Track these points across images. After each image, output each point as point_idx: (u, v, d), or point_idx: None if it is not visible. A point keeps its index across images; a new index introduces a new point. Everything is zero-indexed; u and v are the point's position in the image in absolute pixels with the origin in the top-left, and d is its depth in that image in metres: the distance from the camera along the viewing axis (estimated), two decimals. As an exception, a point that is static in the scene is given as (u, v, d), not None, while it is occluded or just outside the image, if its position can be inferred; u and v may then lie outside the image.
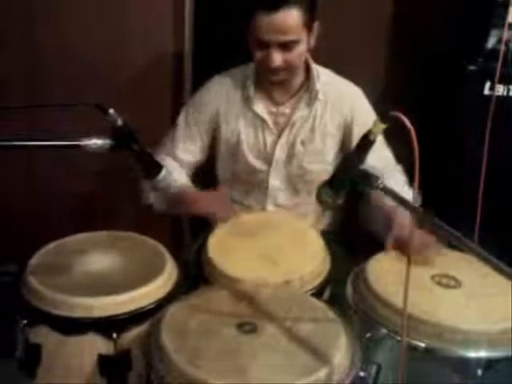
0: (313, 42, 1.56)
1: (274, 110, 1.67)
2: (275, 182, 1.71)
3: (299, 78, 1.65)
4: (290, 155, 1.68)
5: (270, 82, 1.62)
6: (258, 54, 1.52)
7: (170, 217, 1.63)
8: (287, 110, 1.66)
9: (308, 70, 1.66)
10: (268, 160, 1.69)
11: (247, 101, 1.66)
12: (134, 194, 2.11)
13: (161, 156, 1.68)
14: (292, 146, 1.67)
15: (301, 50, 1.52)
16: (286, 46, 1.48)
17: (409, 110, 1.05)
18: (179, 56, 2.22)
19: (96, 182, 2.32)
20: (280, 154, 1.68)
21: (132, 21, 2.15)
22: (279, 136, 1.67)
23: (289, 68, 1.54)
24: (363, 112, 1.66)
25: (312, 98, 1.64)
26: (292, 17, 1.44)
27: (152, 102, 2.23)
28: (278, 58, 1.49)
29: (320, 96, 1.63)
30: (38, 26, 2.13)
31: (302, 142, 1.66)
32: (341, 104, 1.65)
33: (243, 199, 1.76)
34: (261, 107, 1.65)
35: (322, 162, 1.68)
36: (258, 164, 1.70)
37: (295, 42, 1.49)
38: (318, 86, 1.63)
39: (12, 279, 1.32)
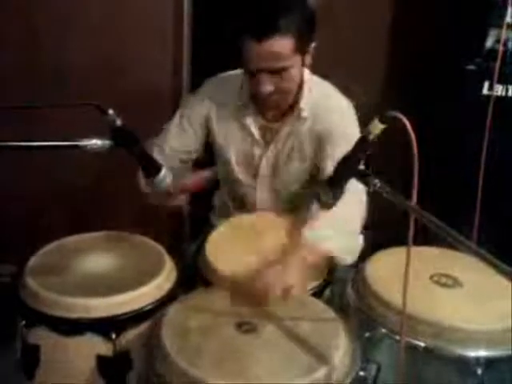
0: (308, 60, 1.48)
1: (264, 125, 1.61)
2: (262, 194, 1.68)
3: (291, 96, 1.55)
4: (275, 170, 1.64)
5: (263, 108, 1.56)
6: (249, 80, 1.46)
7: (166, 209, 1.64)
8: (275, 126, 1.60)
9: (300, 85, 1.55)
10: (255, 173, 1.66)
11: (239, 110, 1.60)
12: (134, 194, 2.11)
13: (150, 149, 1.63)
14: (276, 161, 1.62)
15: (293, 74, 1.44)
16: (276, 73, 1.40)
17: (407, 110, 1.04)
18: (178, 55, 2.23)
19: (95, 182, 2.32)
20: (265, 167, 1.64)
21: (131, 21, 2.15)
22: (266, 150, 1.62)
23: (281, 93, 1.46)
24: (340, 132, 1.53)
25: (297, 115, 1.56)
26: (282, 45, 1.35)
27: (151, 103, 2.23)
28: (268, 86, 1.41)
29: (304, 114, 1.55)
30: (39, 25, 2.13)
31: (286, 158, 1.61)
32: (320, 121, 1.56)
33: (236, 206, 1.75)
34: (251, 120, 1.59)
35: (300, 182, 1.63)
36: (245, 176, 1.67)
37: (286, 69, 1.40)
38: (303, 103, 1.54)
39: (9, 280, 1.32)
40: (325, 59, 1.70)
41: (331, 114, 1.56)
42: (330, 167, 1.29)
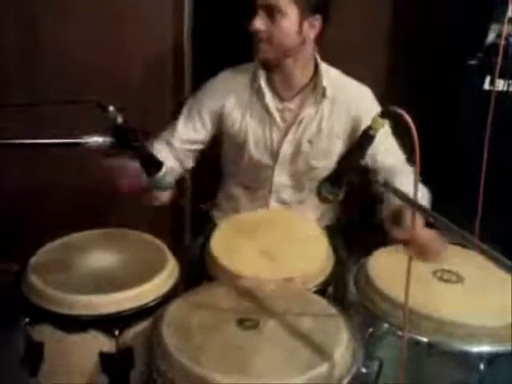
0: (310, 33, 1.55)
1: (280, 106, 1.66)
2: (280, 178, 1.70)
3: (305, 74, 1.64)
4: (297, 153, 1.67)
5: (260, 63, 1.61)
6: (249, 27, 1.53)
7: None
8: (293, 106, 1.65)
9: (316, 67, 1.65)
10: (274, 156, 1.68)
11: (257, 93, 1.65)
12: (135, 193, 2.10)
13: (157, 143, 1.67)
14: (299, 143, 1.66)
15: (286, 26, 1.51)
16: (271, 13, 1.50)
17: (409, 105, 1.04)
18: (179, 53, 2.22)
19: (97, 180, 2.32)
20: (286, 150, 1.67)
21: (131, 19, 2.15)
22: (286, 133, 1.66)
23: (271, 42, 1.53)
24: (371, 114, 1.63)
25: (319, 95, 1.63)
26: None
27: (152, 100, 2.23)
28: (259, 21, 1.51)
29: (328, 93, 1.62)
30: (39, 25, 2.13)
31: (309, 141, 1.65)
32: (349, 105, 1.64)
33: (247, 194, 1.76)
34: (270, 101, 1.64)
35: (328, 161, 1.66)
36: (263, 159, 1.69)
37: (280, 12, 1.49)
38: (326, 82, 1.62)
39: (13, 278, 1.33)
40: (326, 54, 1.71)
41: (357, 95, 1.66)
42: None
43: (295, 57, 1.59)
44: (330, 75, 1.65)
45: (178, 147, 1.69)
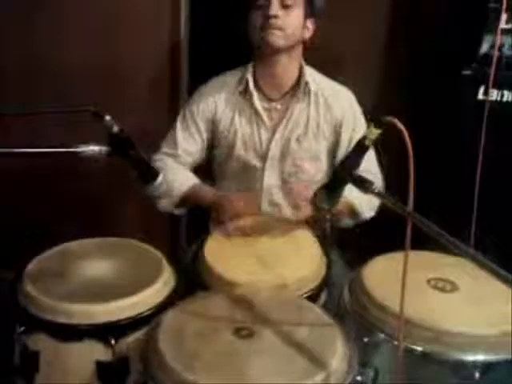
0: (306, 31, 1.63)
1: (266, 105, 1.69)
2: (270, 179, 1.72)
3: (292, 75, 1.67)
4: (285, 152, 1.70)
5: (268, 53, 1.63)
6: (257, 14, 1.57)
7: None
8: (279, 106, 1.69)
9: (301, 70, 1.68)
10: (263, 157, 1.71)
11: (245, 95, 1.68)
12: (133, 201, 2.11)
13: (162, 158, 1.71)
14: (287, 142, 1.69)
15: (296, 17, 1.59)
16: (283, 4, 1.56)
17: (403, 115, 1.05)
18: (176, 56, 2.23)
19: (94, 186, 2.32)
20: (275, 150, 1.69)
21: (127, 22, 2.15)
22: (274, 132, 1.69)
23: (283, 30, 1.57)
24: (352, 118, 1.69)
25: (304, 93, 1.66)
26: None
27: (149, 101, 2.23)
28: (275, 8, 1.55)
29: (311, 88, 1.66)
30: (36, 25, 2.13)
31: (297, 140, 1.68)
32: (334, 106, 1.68)
33: None
34: (257, 101, 1.68)
35: (316, 161, 1.70)
36: (253, 161, 1.71)
37: (293, 4, 1.57)
38: (308, 78, 1.66)
39: (9, 286, 1.32)
40: (321, 63, 1.72)
41: (342, 98, 1.71)
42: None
43: (291, 54, 1.64)
44: (313, 76, 1.70)
45: (183, 159, 1.72)
